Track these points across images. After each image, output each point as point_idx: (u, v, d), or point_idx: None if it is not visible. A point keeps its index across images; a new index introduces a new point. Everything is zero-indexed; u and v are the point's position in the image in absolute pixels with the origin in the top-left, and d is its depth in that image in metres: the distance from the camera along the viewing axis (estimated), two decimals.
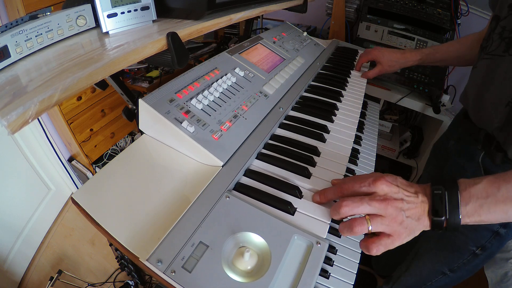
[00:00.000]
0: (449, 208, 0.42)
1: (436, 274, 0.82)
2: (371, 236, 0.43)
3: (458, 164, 0.74)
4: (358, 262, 0.47)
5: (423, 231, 0.44)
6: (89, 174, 1.63)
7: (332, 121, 0.71)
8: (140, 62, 0.61)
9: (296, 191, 0.49)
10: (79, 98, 1.46)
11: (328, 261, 0.45)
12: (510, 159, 0.59)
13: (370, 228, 0.41)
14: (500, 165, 0.61)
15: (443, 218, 0.42)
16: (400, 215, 0.41)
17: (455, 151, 0.76)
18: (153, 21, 0.60)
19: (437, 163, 0.88)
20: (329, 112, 0.74)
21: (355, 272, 0.45)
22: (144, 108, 0.53)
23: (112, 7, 0.53)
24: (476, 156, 0.67)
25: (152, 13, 0.59)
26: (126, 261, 1.06)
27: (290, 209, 0.46)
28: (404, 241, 0.43)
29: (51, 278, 1.19)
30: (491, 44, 0.63)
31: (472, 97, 0.68)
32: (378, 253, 0.42)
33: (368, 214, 0.42)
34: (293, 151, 0.58)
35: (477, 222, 0.42)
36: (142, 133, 0.56)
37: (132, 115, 0.62)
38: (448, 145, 0.80)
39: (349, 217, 0.44)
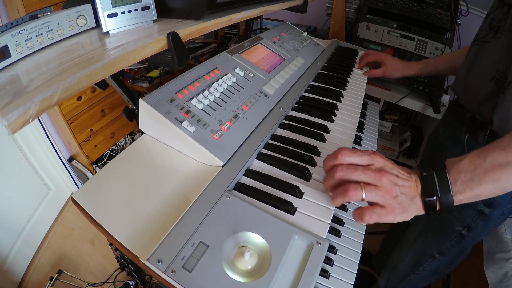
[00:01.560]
0: (439, 186, 0.42)
1: (427, 257, 0.84)
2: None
3: (447, 148, 0.78)
4: (358, 262, 0.47)
5: (415, 216, 0.44)
6: (89, 174, 1.63)
7: (332, 121, 0.71)
8: (140, 62, 0.61)
9: (296, 191, 0.49)
10: (79, 98, 1.46)
11: (328, 261, 0.45)
12: (492, 135, 0.63)
13: (364, 195, 0.41)
14: (483, 144, 0.65)
15: (435, 198, 0.42)
16: (395, 189, 0.42)
17: (444, 136, 0.81)
18: (154, 21, 0.60)
19: (430, 151, 0.91)
20: (329, 112, 0.74)
21: (355, 272, 0.45)
22: (144, 108, 0.53)
23: (113, 7, 0.53)
24: (461, 138, 0.71)
25: (153, 13, 0.59)
26: (126, 261, 1.06)
27: (290, 209, 0.46)
28: (397, 219, 0.43)
29: (51, 278, 1.19)
30: (480, 33, 0.69)
31: (461, 79, 0.73)
32: (371, 221, 0.42)
33: (363, 183, 0.42)
34: (293, 151, 0.58)
35: (472, 198, 0.42)
36: (142, 133, 0.56)
37: (132, 115, 0.62)
38: (439, 133, 0.84)
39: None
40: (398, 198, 0.42)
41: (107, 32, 0.54)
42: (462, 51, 0.88)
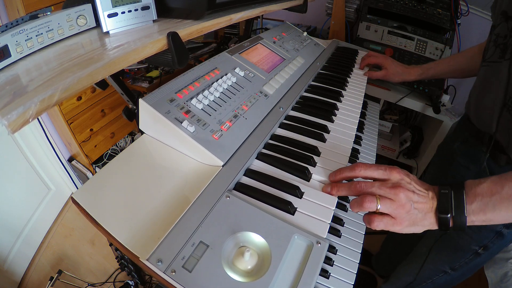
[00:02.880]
0: (455, 205, 0.43)
1: (437, 272, 0.83)
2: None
3: (463, 165, 0.76)
4: (358, 262, 0.47)
5: (427, 230, 0.45)
6: (89, 174, 1.63)
7: (332, 121, 0.71)
8: (140, 62, 0.61)
9: (296, 191, 0.49)
10: (79, 98, 1.46)
11: (328, 261, 0.45)
12: None
13: (378, 206, 0.43)
14: (505, 166, 0.63)
15: (449, 215, 0.43)
16: (408, 204, 0.43)
17: (460, 152, 0.78)
18: (154, 21, 0.60)
19: (441, 164, 0.89)
20: (329, 112, 0.74)
21: (355, 272, 0.45)
22: (144, 108, 0.53)
23: (113, 7, 0.53)
24: (481, 158, 0.69)
25: (153, 13, 0.59)
26: (126, 261, 1.06)
27: (290, 208, 0.46)
28: (404, 230, 0.44)
29: (51, 278, 1.19)
30: (487, 51, 0.66)
31: (473, 104, 0.71)
32: (377, 228, 0.44)
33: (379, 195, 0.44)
34: (293, 151, 0.58)
35: (484, 222, 0.43)
36: (142, 133, 0.56)
37: (132, 115, 0.62)
38: (454, 147, 0.81)
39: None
40: (410, 213, 0.43)
41: (107, 32, 0.54)
42: (465, 54, 0.86)
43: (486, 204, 0.43)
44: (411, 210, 0.43)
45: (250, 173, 0.53)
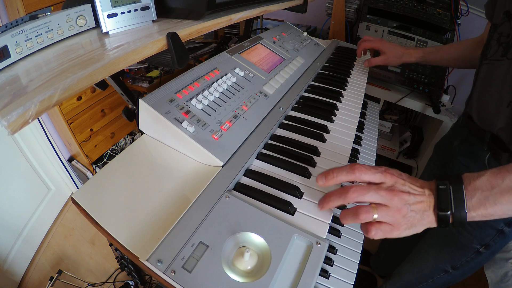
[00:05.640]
0: (454, 201, 0.41)
1: (438, 271, 0.82)
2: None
3: (463, 164, 0.75)
4: (358, 262, 0.47)
5: (428, 228, 0.44)
6: (89, 174, 1.63)
7: (332, 121, 0.71)
8: (140, 62, 0.61)
9: (296, 191, 0.49)
10: (79, 98, 1.46)
11: (328, 261, 0.45)
12: None
13: (375, 216, 0.41)
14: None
15: (449, 212, 0.41)
16: (405, 208, 0.42)
17: (460, 151, 0.77)
18: (153, 21, 0.60)
19: (440, 163, 0.88)
20: (329, 112, 0.74)
21: (355, 272, 0.45)
22: (144, 108, 0.53)
23: (112, 7, 0.53)
24: (481, 156, 0.68)
25: (152, 13, 0.59)
26: (126, 261, 1.06)
27: (290, 209, 0.46)
28: (403, 234, 0.43)
29: (51, 278, 1.19)
30: (489, 50, 0.65)
31: (475, 101, 0.69)
32: (375, 238, 0.42)
33: (373, 203, 0.42)
34: (293, 151, 0.58)
35: (485, 216, 0.42)
36: (142, 133, 0.56)
37: (132, 115, 0.62)
38: (453, 146, 0.80)
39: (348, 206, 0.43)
40: (407, 216, 0.42)
41: (107, 32, 0.54)
42: (463, 43, 0.86)
43: (487, 198, 0.41)
44: (407, 213, 0.42)
45: (250, 173, 0.53)
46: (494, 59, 0.63)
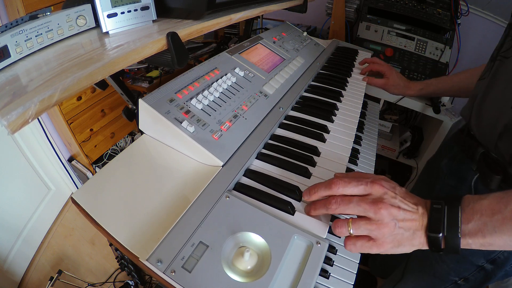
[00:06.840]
0: (448, 223, 0.37)
1: None
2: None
3: (449, 185, 0.71)
4: (358, 262, 0.47)
5: (415, 250, 0.41)
6: (89, 174, 1.62)
7: (332, 121, 0.71)
8: (140, 62, 0.61)
9: (296, 192, 0.49)
10: (79, 98, 1.46)
11: (328, 261, 0.45)
12: (509, 181, 0.54)
13: (351, 231, 0.40)
14: (495, 190, 0.51)
15: (441, 235, 0.38)
16: (392, 223, 0.38)
17: (447, 171, 0.73)
18: (153, 21, 0.60)
19: (429, 181, 0.85)
20: (329, 112, 0.74)
21: (355, 272, 0.45)
22: (144, 108, 0.53)
23: (112, 7, 0.53)
24: (468, 177, 0.63)
25: (152, 13, 0.59)
26: (126, 261, 1.06)
27: (290, 209, 0.46)
28: (389, 252, 0.40)
29: (51, 278, 1.19)
30: (502, 46, 0.61)
31: (476, 102, 0.65)
32: (353, 252, 0.41)
33: (356, 216, 0.41)
34: (293, 151, 0.58)
35: (483, 246, 0.37)
36: (142, 133, 0.56)
37: (132, 115, 0.62)
38: (441, 164, 0.77)
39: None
40: (393, 233, 0.39)
41: (107, 32, 0.54)
42: (470, 72, 0.83)
43: (485, 224, 0.36)
44: (394, 229, 0.38)
45: (250, 173, 0.53)
46: (505, 56, 0.59)
